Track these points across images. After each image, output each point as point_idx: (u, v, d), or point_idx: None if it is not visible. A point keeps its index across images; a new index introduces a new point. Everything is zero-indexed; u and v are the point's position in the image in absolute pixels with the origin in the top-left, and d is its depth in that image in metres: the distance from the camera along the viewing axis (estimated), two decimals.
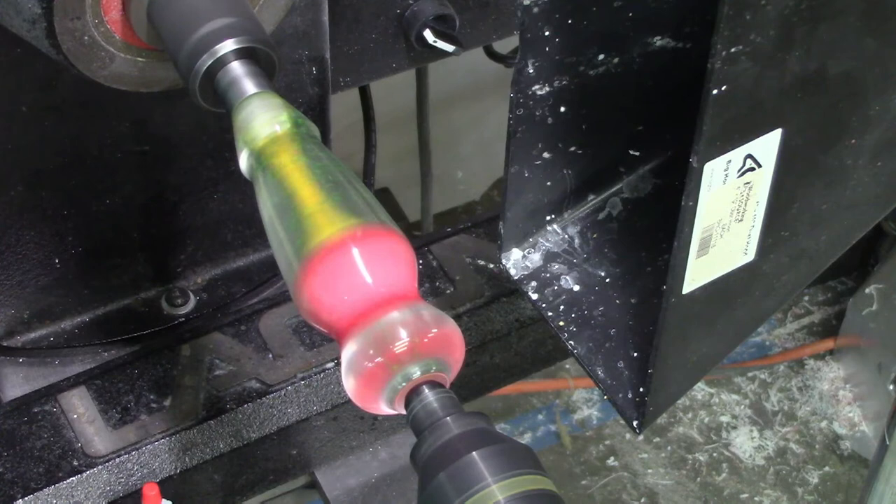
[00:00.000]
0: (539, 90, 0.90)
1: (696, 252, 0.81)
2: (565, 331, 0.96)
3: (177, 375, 1.21)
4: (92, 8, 0.90)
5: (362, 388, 0.76)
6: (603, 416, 2.21)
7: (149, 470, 1.17)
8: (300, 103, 1.20)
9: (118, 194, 1.21)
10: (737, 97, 0.73)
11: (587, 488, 2.11)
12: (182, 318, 1.29)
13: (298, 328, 1.27)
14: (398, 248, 0.79)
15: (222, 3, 0.90)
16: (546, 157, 0.95)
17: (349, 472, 1.35)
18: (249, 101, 0.86)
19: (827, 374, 2.27)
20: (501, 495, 0.70)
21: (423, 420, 0.75)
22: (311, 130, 0.85)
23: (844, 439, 2.19)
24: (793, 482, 2.12)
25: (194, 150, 1.22)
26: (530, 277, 0.99)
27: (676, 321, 0.85)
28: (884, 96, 0.83)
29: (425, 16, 1.21)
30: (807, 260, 0.92)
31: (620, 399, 0.93)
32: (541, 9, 0.85)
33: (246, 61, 0.88)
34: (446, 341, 0.77)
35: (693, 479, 2.12)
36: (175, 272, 1.31)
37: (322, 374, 1.24)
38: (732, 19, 0.69)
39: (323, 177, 0.81)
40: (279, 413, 1.22)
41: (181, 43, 0.89)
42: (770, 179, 0.81)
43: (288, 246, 0.79)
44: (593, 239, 1.00)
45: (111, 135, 1.16)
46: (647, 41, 0.93)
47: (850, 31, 0.76)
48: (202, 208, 1.27)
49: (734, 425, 2.19)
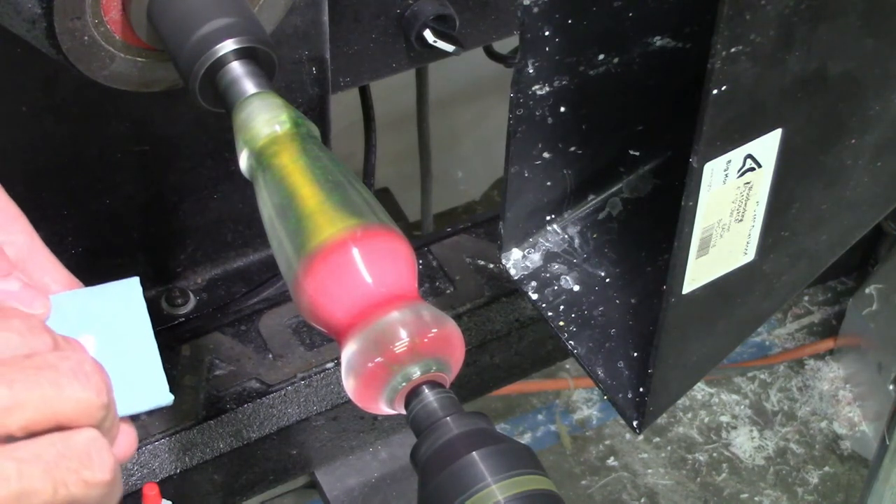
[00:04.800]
0: (539, 90, 0.90)
1: (696, 252, 0.81)
2: (565, 331, 0.96)
3: (177, 375, 1.21)
4: (92, 8, 0.90)
5: (362, 388, 0.76)
6: (603, 416, 2.21)
7: (149, 470, 1.17)
8: (300, 103, 1.20)
9: (118, 194, 1.21)
10: (737, 97, 0.73)
11: (587, 488, 2.11)
12: (182, 318, 1.29)
13: (298, 328, 1.27)
14: (398, 248, 0.79)
15: (222, 3, 0.90)
16: (546, 157, 0.95)
17: (349, 472, 1.35)
18: (249, 101, 0.86)
19: (827, 374, 2.27)
20: (501, 495, 0.70)
21: (422, 420, 0.75)
22: (311, 130, 0.85)
23: (844, 439, 2.19)
24: (793, 482, 2.12)
25: (194, 150, 1.22)
26: (530, 277, 0.99)
27: (676, 321, 0.85)
28: (884, 96, 0.83)
29: (425, 16, 1.21)
30: (807, 260, 0.92)
31: (620, 399, 0.93)
32: (541, 9, 0.85)
33: (246, 61, 0.88)
34: (446, 341, 0.77)
35: (693, 479, 2.13)
36: (175, 272, 1.31)
37: (322, 374, 1.24)
38: (732, 19, 0.69)
39: (323, 177, 0.81)
40: (279, 413, 1.22)
41: (181, 43, 0.89)
42: (770, 179, 0.81)
43: (288, 246, 0.79)
44: (593, 239, 1.00)
45: (111, 135, 1.16)
46: (647, 41, 0.93)
47: (850, 31, 0.76)
48: (202, 208, 1.27)
49: (734, 425, 2.19)
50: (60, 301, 0.77)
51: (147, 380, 0.76)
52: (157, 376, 0.76)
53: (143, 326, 0.78)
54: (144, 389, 0.75)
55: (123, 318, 0.78)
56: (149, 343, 0.77)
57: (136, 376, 0.75)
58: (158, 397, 0.75)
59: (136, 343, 0.77)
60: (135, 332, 0.77)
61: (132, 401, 0.73)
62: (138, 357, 0.76)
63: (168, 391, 0.76)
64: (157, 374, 0.76)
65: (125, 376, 0.74)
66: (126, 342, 0.77)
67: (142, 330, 0.77)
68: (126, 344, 0.77)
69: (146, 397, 0.75)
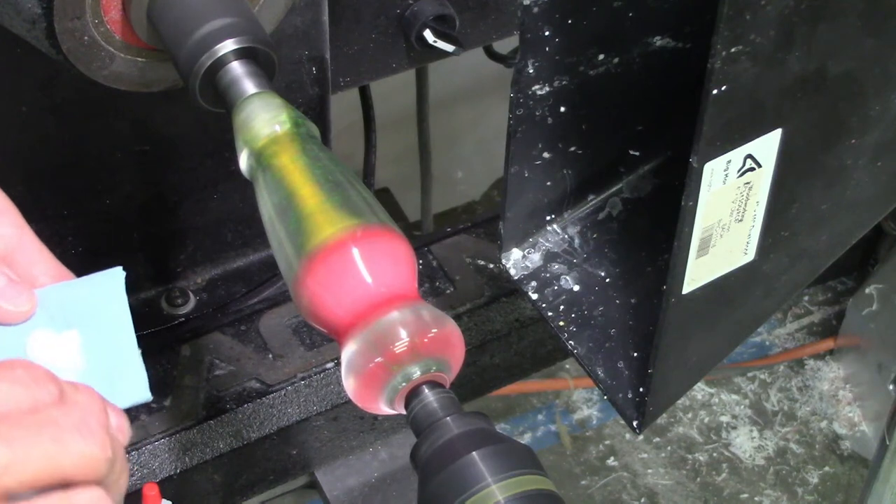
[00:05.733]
0: (539, 90, 0.90)
1: (696, 252, 0.81)
2: (565, 331, 0.96)
3: (177, 375, 1.21)
4: (92, 8, 0.90)
5: (362, 388, 0.76)
6: (603, 416, 2.21)
7: (149, 470, 1.17)
8: (300, 103, 1.20)
9: (118, 194, 1.21)
10: (737, 97, 0.73)
11: (587, 488, 2.11)
12: (182, 318, 1.29)
13: (298, 328, 1.27)
14: (398, 248, 0.79)
15: (222, 4, 0.90)
16: (546, 157, 0.95)
17: (349, 472, 1.35)
18: (249, 101, 0.86)
19: (827, 374, 2.27)
20: (501, 495, 0.70)
21: (422, 420, 0.75)
22: (311, 130, 0.85)
23: (844, 439, 2.19)
24: (793, 482, 2.12)
25: (194, 150, 1.22)
26: (530, 277, 0.99)
27: (676, 321, 0.85)
28: (884, 96, 0.83)
29: (425, 16, 1.21)
30: (807, 260, 0.92)
31: (620, 399, 0.93)
32: (541, 9, 0.85)
33: (246, 61, 0.88)
34: (446, 341, 0.77)
35: (693, 479, 2.12)
36: (175, 272, 1.31)
37: (322, 374, 1.24)
38: (732, 19, 0.69)
39: (323, 177, 0.81)
40: (279, 413, 1.22)
41: (181, 43, 0.89)
42: (770, 179, 0.81)
43: (288, 246, 0.79)
44: (593, 239, 1.00)
45: (111, 135, 1.16)
46: (647, 41, 0.93)
47: (850, 31, 0.76)
48: (202, 208, 1.27)
49: (734, 425, 2.19)
50: (46, 295, 0.77)
51: (128, 376, 0.76)
52: (137, 373, 0.76)
53: (125, 321, 0.78)
54: (125, 385, 0.75)
55: (106, 311, 0.78)
56: (129, 338, 0.77)
57: (118, 372, 0.76)
58: (138, 393, 0.76)
59: (118, 338, 0.77)
60: (117, 327, 0.77)
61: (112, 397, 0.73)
62: (120, 353, 0.76)
63: (147, 387, 0.76)
64: (137, 370, 0.76)
65: (107, 372, 0.74)
66: (109, 337, 0.77)
67: (123, 324, 0.77)
68: (109, 339, 0.77)
69: (126, 393, 0.75)
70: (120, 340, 0.77)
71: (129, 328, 0.77)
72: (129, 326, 0.77)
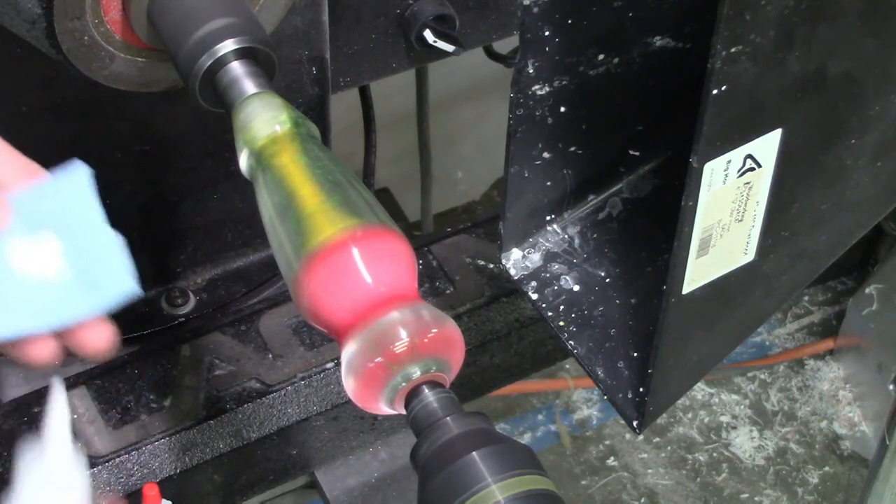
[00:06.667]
0: (539, 90, 0.90)
1: (696, 252, 0.81)
2: (565, 331, 0.96)
3: (177, 375, 1.21)
4: (92, 8, 0.90)
5: (362, 388, 0.76)
6: (603, 416, 2.21)
7: (149, 470, 1.17)
8: (300, 103, 1.20)
9: (118, 194, 1.21)
10: (737, 97, 0.73)
11: (587, 488, 2.11)
12: (182, 318, 1.29)
13: (298, 328, 1.27)
14: (398, 248, 0.79)
15: (222, 4, 0.90)
16: (546, 157, 0.95)
17: (349, 472, 1.35)
18: (249, 101, 0.86)
19: (827, 374, 2.27)
20: (501, 495, 0.70)
21: (422, 420, 0.75)
22: (311, 130, 0.85)
23: (844, 439, 2.19)
24: (793, 482, 2.12)
25: (194, 150, 1.22)
26: (530, 277, 0.99)
27: (676, 321, 0.85)
28: (884, 96, 0.83)
29: (425, 16, 1.21)
30: (807, 260, 0.92)
31: (620, 399, 0.93)
32: (541, 9, 0.85)
33: (246, 61, 0.88)
34: (446, 341, 0.77)
35: (693, 479, 2.12)
36: (175, 272, 1.31)
37: (322, 374, 1.24)
38: (732, 19, 0.69)
39: (323, 177, 0.81)
40: (279, 413, 1.22)
41: (181, 43, 0.89)
42: (770, 179, 0.81)
43: (288, 246, 0.79)
44: (593, 239, 1.00)
45: (111, 135, 1.16)
46: (647, 41, 0.93)
47: (850, 31, 0.76)
48: (202, 208, 1.27)
49: (734, 425, 2.19)
50: (18, 202, 0.76)
51: (113, 271, 0.75)
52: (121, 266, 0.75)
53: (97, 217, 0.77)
54: (111, 281, 0.74)
55: (79, 210, 0.77)
56: (106, 233, 0.76)
57: (103, 269, 0.75)
58: (125, 286, 0.74)
59: (96, 235, 0.76)
60: (91, 224, 0.77)
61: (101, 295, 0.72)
62: (100, 249, 0.75)
63: (133, 279, 0.74)
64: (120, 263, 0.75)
65: (92, 271, 0.73)
66: (86, 235, 0.76)
67: (96, 220, 0.77)
68: (86, 237, 0.76)
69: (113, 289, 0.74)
70: (98, 237, 0.76)
71: (103, 223, 0.76)
72: (102, 221, 0.76)
